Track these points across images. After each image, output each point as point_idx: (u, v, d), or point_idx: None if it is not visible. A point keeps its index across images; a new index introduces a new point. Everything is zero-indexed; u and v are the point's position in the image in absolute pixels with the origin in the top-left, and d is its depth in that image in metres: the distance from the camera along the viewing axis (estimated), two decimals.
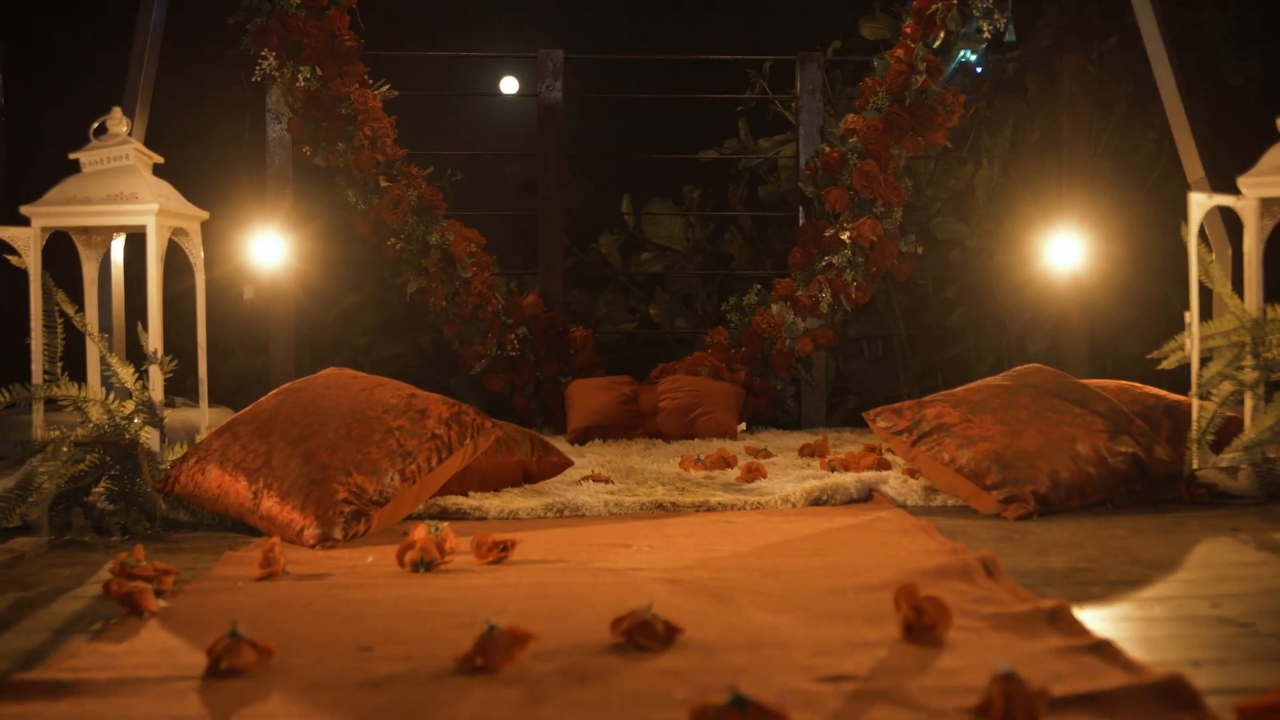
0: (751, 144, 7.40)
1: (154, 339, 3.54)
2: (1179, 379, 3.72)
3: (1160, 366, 3.60)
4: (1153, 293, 6.59)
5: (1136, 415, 3.60)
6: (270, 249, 5.64)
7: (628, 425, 5.27)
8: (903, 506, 3.45)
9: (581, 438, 5.19)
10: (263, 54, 5.49)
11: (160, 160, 3.78)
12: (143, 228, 3.52)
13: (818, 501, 3.49)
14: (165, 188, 3.67)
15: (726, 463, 4.18)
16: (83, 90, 5.91)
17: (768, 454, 4.58)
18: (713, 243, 7.79)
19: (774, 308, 5.68)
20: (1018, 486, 3.21)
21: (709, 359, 5.62)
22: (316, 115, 5.54)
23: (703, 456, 4.20)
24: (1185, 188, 6.37)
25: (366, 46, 5.65)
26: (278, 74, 5.52)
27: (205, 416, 3.89)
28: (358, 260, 6.27)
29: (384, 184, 5.55)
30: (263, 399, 3.41)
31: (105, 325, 5.29)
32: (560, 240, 5.94)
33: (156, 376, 3.53)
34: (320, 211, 5.90)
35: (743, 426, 5.43)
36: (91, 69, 6.06)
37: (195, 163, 5.98)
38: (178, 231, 3.72)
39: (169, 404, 5.34)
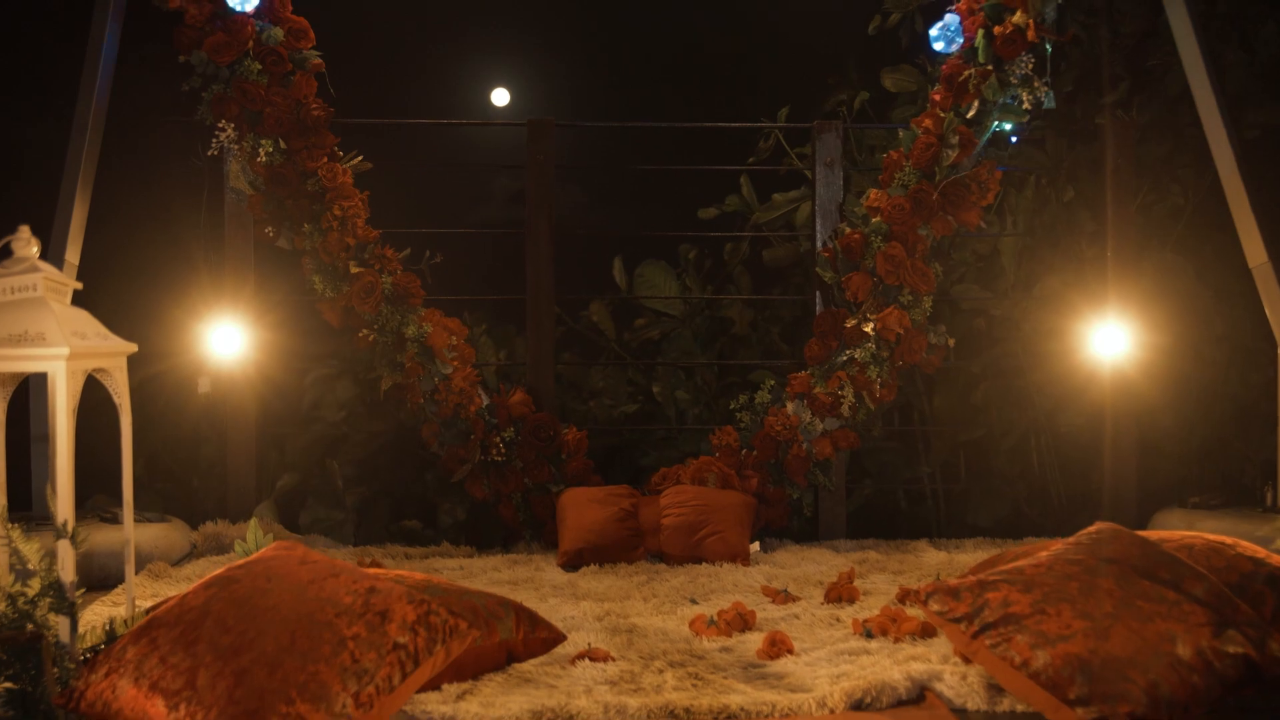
0: (755, 201, 6.87)
1: (63, 507, 2.95)
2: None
3: (1275, 547, 3.04)
4: (1190, 371, 6.02)
5: (1233, 588, 3.04)
6: (229, 340, 5.06)
7: (626, 546, 4.69)
8: (962, 711, 2.88)
9: (575, 561, 4.62)
10: (220, 125, 4.92)
11: (78, 286, 3.20)
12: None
13: (859, 705, 2.91)
14: (81, 320, 3.09)
15: (745, 622, 3.59)
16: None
17: (789, 597, 4.00)
18: (712, 306, 7.28)
19: (789, 406, 5.11)
20: (1108, 705, 2.63)
21: (717, 464, 5.04)
22: (280, 193, 4.97)
23: (716, 616, 3.61)
24: (1227, 254, 5.88)
25: (337, 113, 5.08)
26: (237, 146, 4.95)
27: (131, 587, 3.29)
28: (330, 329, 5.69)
29: (355, 270, 4.97)
30: (190, 591, 2.81)
31: (37, 432, 4.72)
32: (551, 328, 5.36)
33: (67, 553, 2.94)
34: (284, 297, 5.32)
35: (755, 546, 4.85)
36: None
37: (147, 243, 5.43)
38: (98, 370, 3.14)
39: (113, 519, 4.76)
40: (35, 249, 3.07)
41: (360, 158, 5.11)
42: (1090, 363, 5.43)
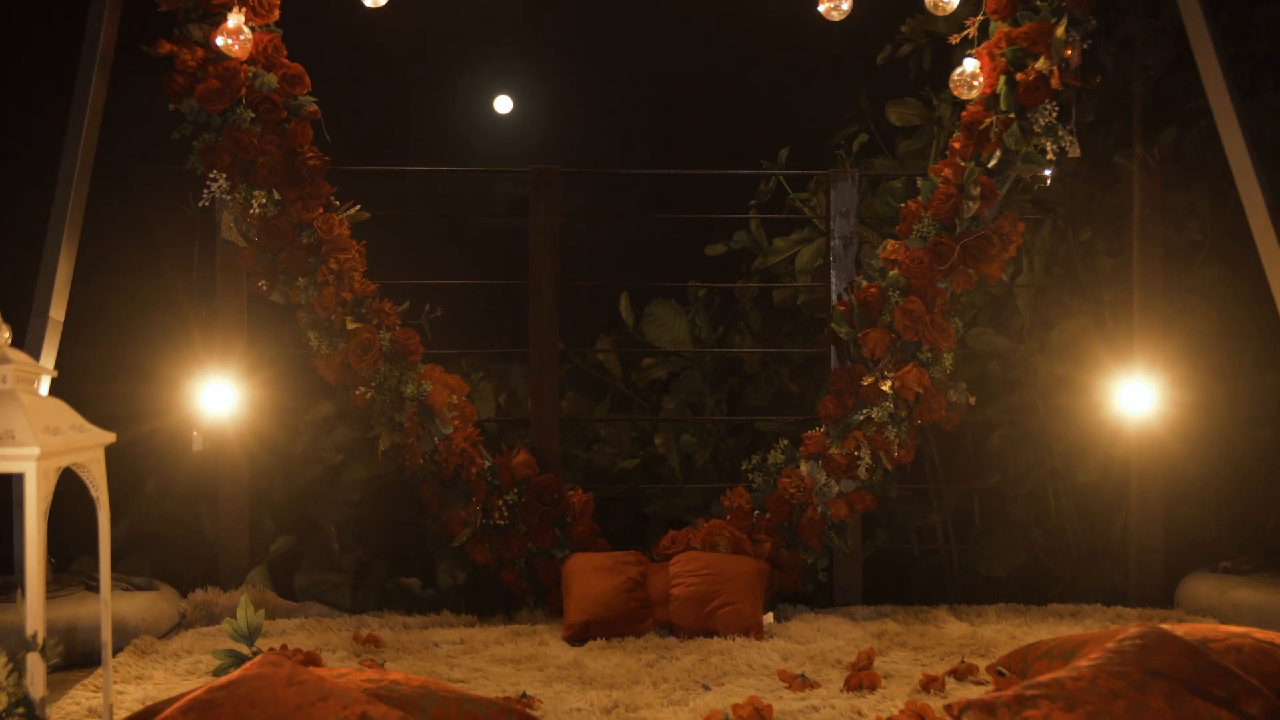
0: (764, 239, 6.72)
1: (34, 618, 2.75)
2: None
3: None
4: (1214, 419, 5.81)
5: None
6: (221, 397, 4.86)
7: (635, 618, 4.49)
8: None
9: (580, 635, 4.41)
10: (211, 175, 4.72)
11: (52, 374, 3.01)
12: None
13: None
14: (54, 412, 2.89)
15: (761, 719, 3.39)
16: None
17: (807, 683, 3.79)
18: (721, 345, 7.12)
19: (803, 467, 4.90)
20: None
21: (728, 528, 4.84)
22: (273, 245, 4.77)
23: (731, 713, 3.41)
24: (1249, 293, 5.71)
25: (334, 160, 4.88)
26: (229, 197, 4.76)
27: (109, 692, 3.09)
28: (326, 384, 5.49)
29: (351, 325, 4.77)
30: (167, 715, 2.61)
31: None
32: (554, 385, 5.16)
33: (37, 667, 2.74)
34: (279, 351, 5.12)
35: (769, 618, 4.64)
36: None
37: (137, 296, 5.26)
38: (73, 464, 2.95)
39: (99, 587, 4.57)
40: (6, 334, 2.88)
41: (357, 207, 4.91)
42: (1113, 417, 5.22)
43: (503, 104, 7.42)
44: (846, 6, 4.77)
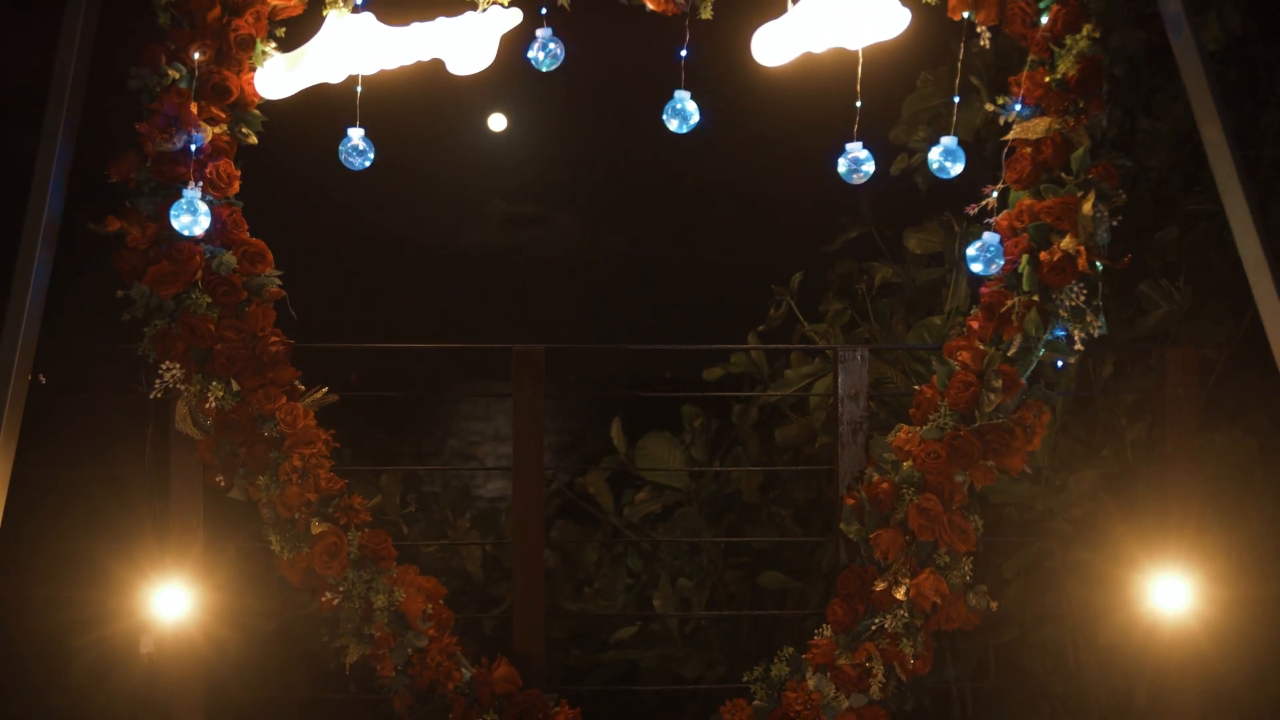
0: (764, 362, 6.41)
1: None
2: None
3: None
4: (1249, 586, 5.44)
5: None
6: (174, 603, 4.46)
7: None
8: None
9: None
10: (165, 365, 4.34)
11: None
12: None
13: None
14: None
15: None
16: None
17: None
18: (719, 478, 6.81)
19: (810, 680, 4.50)
20: None
21: None
22: (232, 439, 4.38)
23: None
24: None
25: (301, 335, 4.50)
26: (184, 387, 4.37)
27: None
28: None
29: (317, 529, 4.37)
30: None
31: None
32: (540, 583, 4.74)
33: None
34: (241, 544, 4.74)
35: None
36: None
37: (84, 486, 4.87)
38: None
39: None
40: None
41: (324, 390, 4.53)
42: (1146, 611, 4.83)
43: (497, 121, 7.09)
44: (868, 170, 4.39)
